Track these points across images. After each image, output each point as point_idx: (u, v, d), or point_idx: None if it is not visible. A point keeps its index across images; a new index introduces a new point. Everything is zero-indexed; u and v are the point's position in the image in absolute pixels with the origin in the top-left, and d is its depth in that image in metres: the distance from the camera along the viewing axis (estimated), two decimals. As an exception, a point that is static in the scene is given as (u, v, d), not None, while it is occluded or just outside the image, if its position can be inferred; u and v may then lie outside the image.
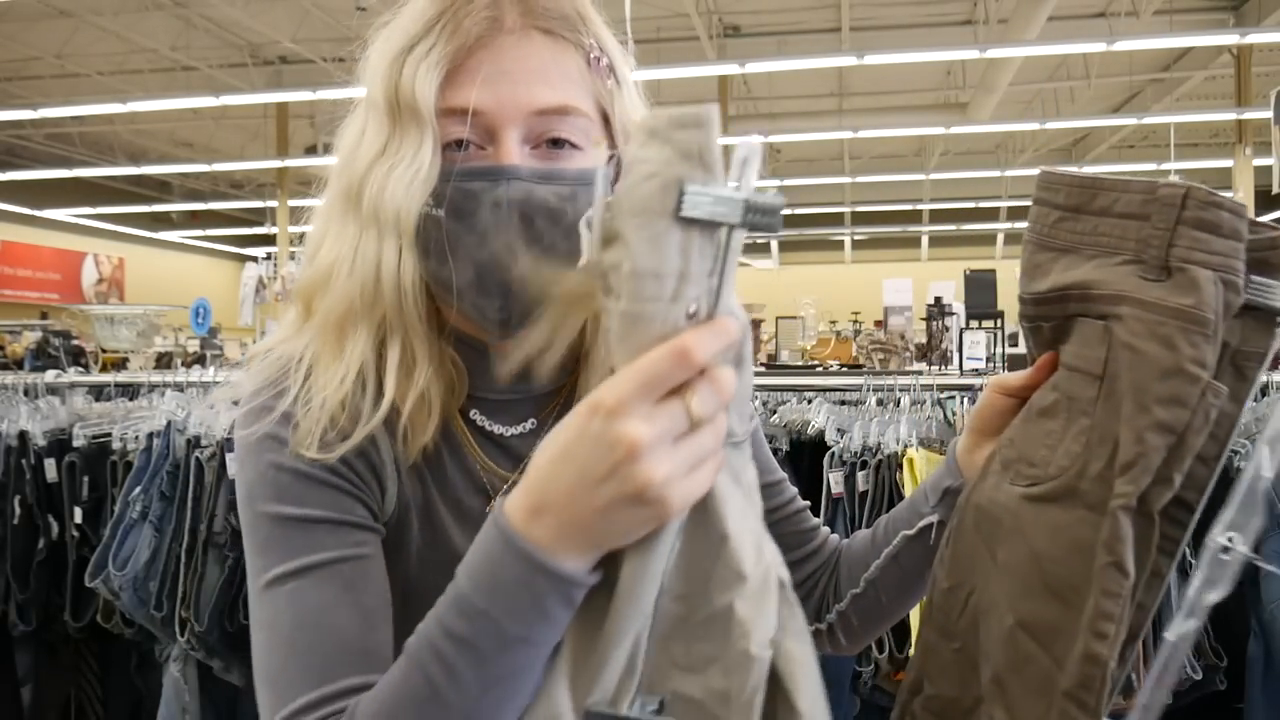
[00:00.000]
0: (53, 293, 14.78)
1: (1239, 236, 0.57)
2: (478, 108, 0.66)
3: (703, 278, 0.47)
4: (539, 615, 0.51)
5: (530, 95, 0.67)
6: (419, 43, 0.67)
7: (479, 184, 0.66)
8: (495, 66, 0.67)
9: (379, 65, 0.69)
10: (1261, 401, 1.96)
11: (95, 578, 2.08)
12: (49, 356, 3.92)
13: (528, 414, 0.76)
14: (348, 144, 0.71)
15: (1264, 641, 1.76)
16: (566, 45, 0.70)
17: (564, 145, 0.69)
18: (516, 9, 0.69)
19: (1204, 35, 9.30)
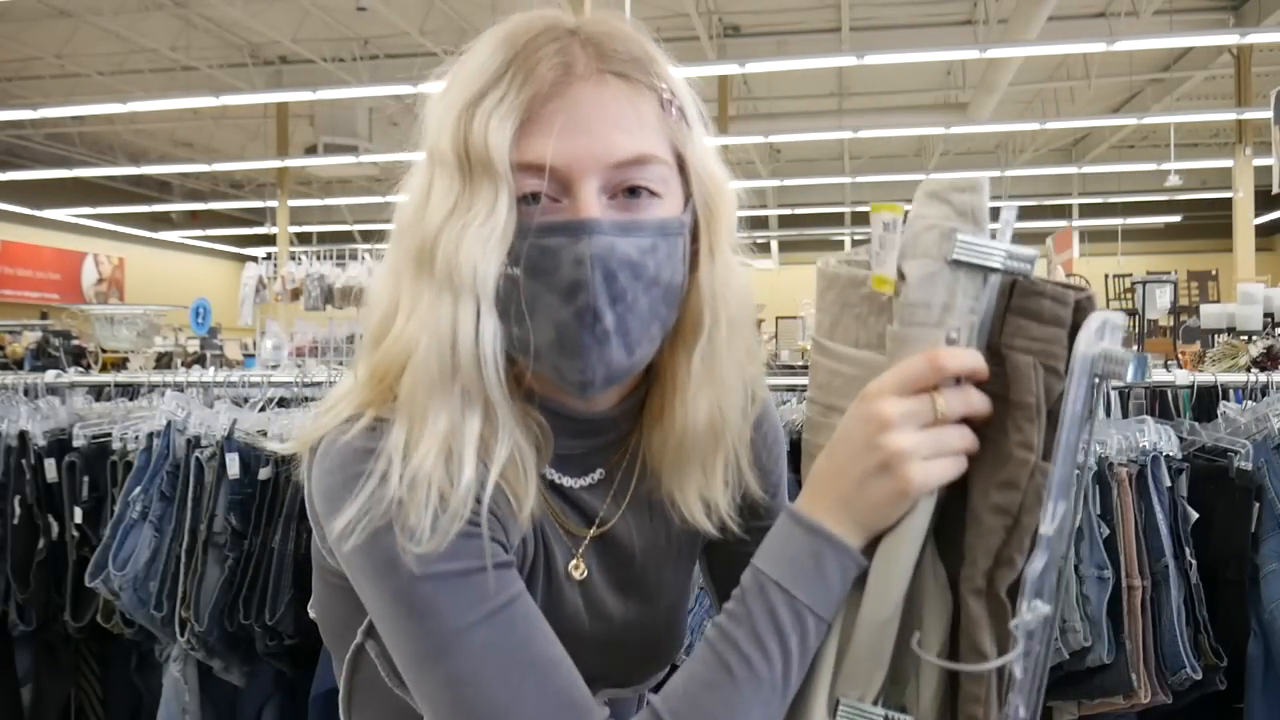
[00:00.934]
0: (53, 293, 14.78)
1: (1061, 323, 0.59)
2: (554, 162, 0.63)
3: (964, 312, 0.59)
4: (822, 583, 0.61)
5: (608, 146, 0.64)
6: (488, 93, 0.63)
7: (558, 240, 0.63)
8: (570, 117, 0.63)
9: (445, 118, 0.65)
10: (1261, 401, 1.96)
11: (95, 578, 2.08)
12: (49, 356, 3.92)
13: (596, 464, 0.75)
14: (413, 201, 0.67)
15: (1264, 641, 1.76)
16: (641, 89, 0.67)
17: (641, 193, 0.65)
18: (588, 53, 0.66)
19: (1204, 35, 9.30)
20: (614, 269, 0.63)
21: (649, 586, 0.78)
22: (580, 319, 0.62)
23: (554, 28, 0.66)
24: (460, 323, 0.63)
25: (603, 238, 0.62)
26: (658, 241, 0.65)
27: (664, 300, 0.66)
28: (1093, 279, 6.61)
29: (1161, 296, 2.99)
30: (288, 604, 1.99)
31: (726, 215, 0.70)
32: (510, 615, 0.64)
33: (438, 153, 0.65)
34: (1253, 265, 10.25)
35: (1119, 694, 1.73)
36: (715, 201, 0.69)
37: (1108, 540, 1.74)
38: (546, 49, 0.64)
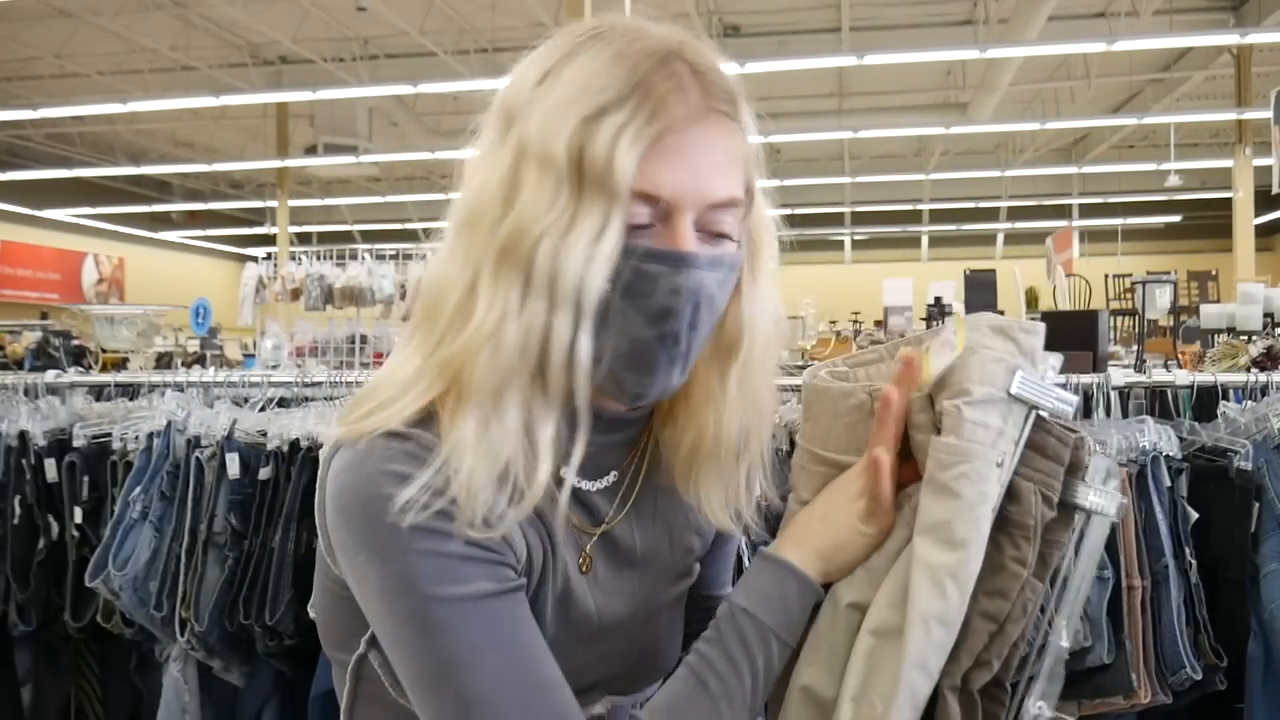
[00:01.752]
0: (53, 293, 14.78)
1: (1060, 460, 0.67)
2: (659, 193, 0.65)
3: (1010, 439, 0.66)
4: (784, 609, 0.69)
5: (710, 187, 0.67)
6: (611, 112, 0.64)
7: (658, 267, 0.65)
8: (684, 153, 0.66)
9: (557, 122, 0.64)
10: (1261, 401, 1.96)
11: (95, 578, 2.08)
12: (49, 356, 3.92)
13: (609, 467, 0.78)
14: (493, 190, 0.67)
15: (1264, 641, 1.76)
16: (735, 128, 0.70)
17: (723, 237, 0.69)
18: (698, 88, 0.67)
19: (1204, 35, 9.31)
20: (700, 301, 0.67)
21: (649, 589, 0.80)
22: (661, 342, 0.66)
23: (665, 54, 0.67)
24: (556, 331, 0.64)
25: (698, 272, 0.66)
26: (728, 276, 0.69)
27: (712, 324, 0.70)
28: (1093, 279, 6.62)
29: (1161, 296, 2.99)
30: (288, 604, 1.99)
31: (769, 246, 0.75)
32: (518, 639, 0.66)
33: (542, 156, 0.64)
34: (1252, 265, 10.25)
35: (1119, 694, 1.73)
36: (762, 234, 0.74)
37: (1107, 540, 1.74)
38: (670, 81, 0.66)
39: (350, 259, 5.12)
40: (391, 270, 5.08)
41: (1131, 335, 5.77)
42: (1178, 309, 3.39)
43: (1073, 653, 1.71)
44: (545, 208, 0.63)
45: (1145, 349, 2.61)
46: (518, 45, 3.03)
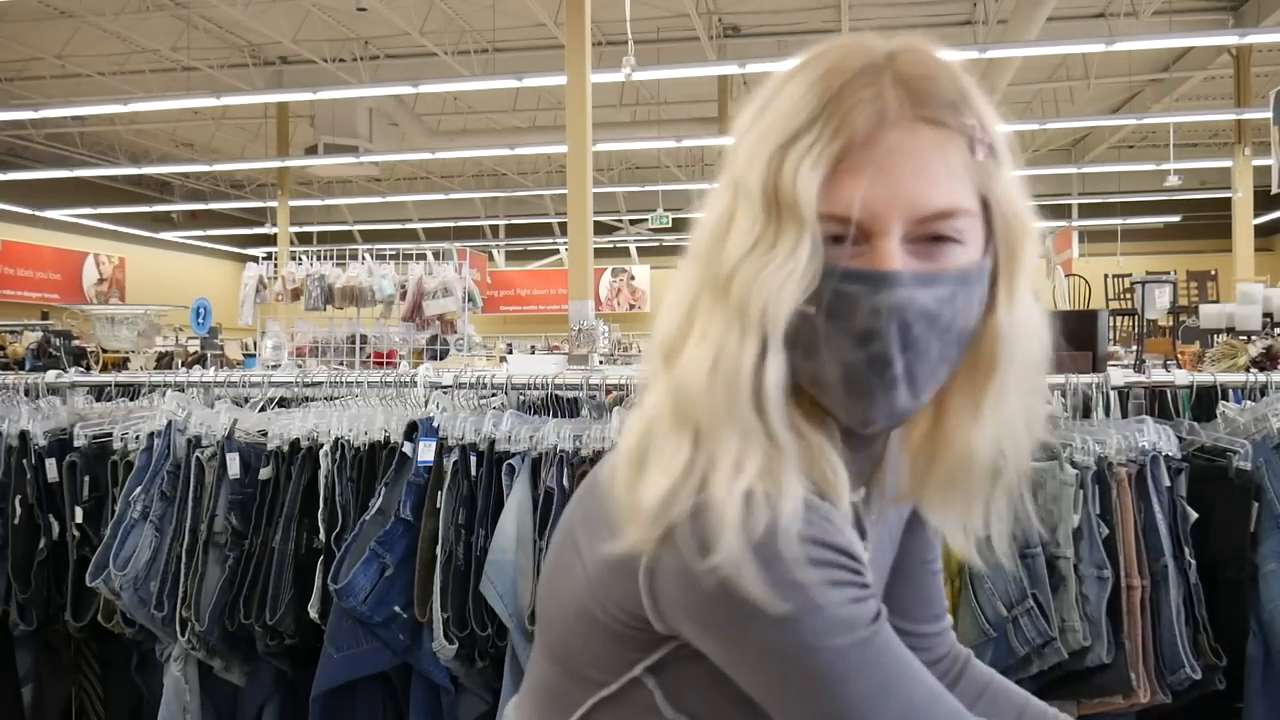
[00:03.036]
0: (53, 293, 14.78)
1: None
2: (852, 214, 0.63)
3: None
4: None
5: (915, 200, 0.64)
6: (801, 137, 0.63)
7: (858, 288, 0.63)
8: (880, 168, 0.63)
9: (756, 154, 0.65)
10: (1260, 401, 1.96)
11: (96, 577, 2.08)
12: (50, 356, 3.92)
13: (858, 483, 0.75)
14: (713, 226, 0.67)
15: (1263, 641, 1.76)
16: (951, 135, 0.65)
17: (945, 241, 0.65)
18: (901, 96, 0.65)
19: (1203, 36, 9.31)
20: (909, 320, 0.63)
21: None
22: (870, 365, 0.64)
23: (870, 67, 0.66)
24: (744, 356, 0.64)
25: (901, 290, 0.63)
26: (956, 290, 0.65)
27: (955, 344, 0.67)
28: (1092, 279, 6.62)
29: (1161, 296, 2.99)
30: (288, 604, 1.99)
31: (1027, 256, 0.69)
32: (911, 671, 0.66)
33: (745, 188, 0.65)
34: (1252, 265, 10.25)
35: (1118, 694, 1.73)
36: (1017, 243, 0.69)
37: (1107, 540, 1.74)
38: (862, 93, 0.64)
39: (350, 259, 5.12)
40: (391, 270, 5.08)
41: (1131, 335, 5.77)
42: (1177, 309, 3.39)
43: (1071, 652, 1.72)
44: (746, 239, 0.64)
45: (1145, 349, 2.61)
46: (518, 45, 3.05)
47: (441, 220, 18.62)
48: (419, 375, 2.29)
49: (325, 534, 1.99)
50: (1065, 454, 1.81)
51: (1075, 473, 1.77)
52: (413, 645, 1.90)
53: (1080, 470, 1.77)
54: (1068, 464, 1.79)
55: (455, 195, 16.69)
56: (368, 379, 2.32)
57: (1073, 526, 1.76)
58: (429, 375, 2.30)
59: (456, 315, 5.09)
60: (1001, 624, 1.74)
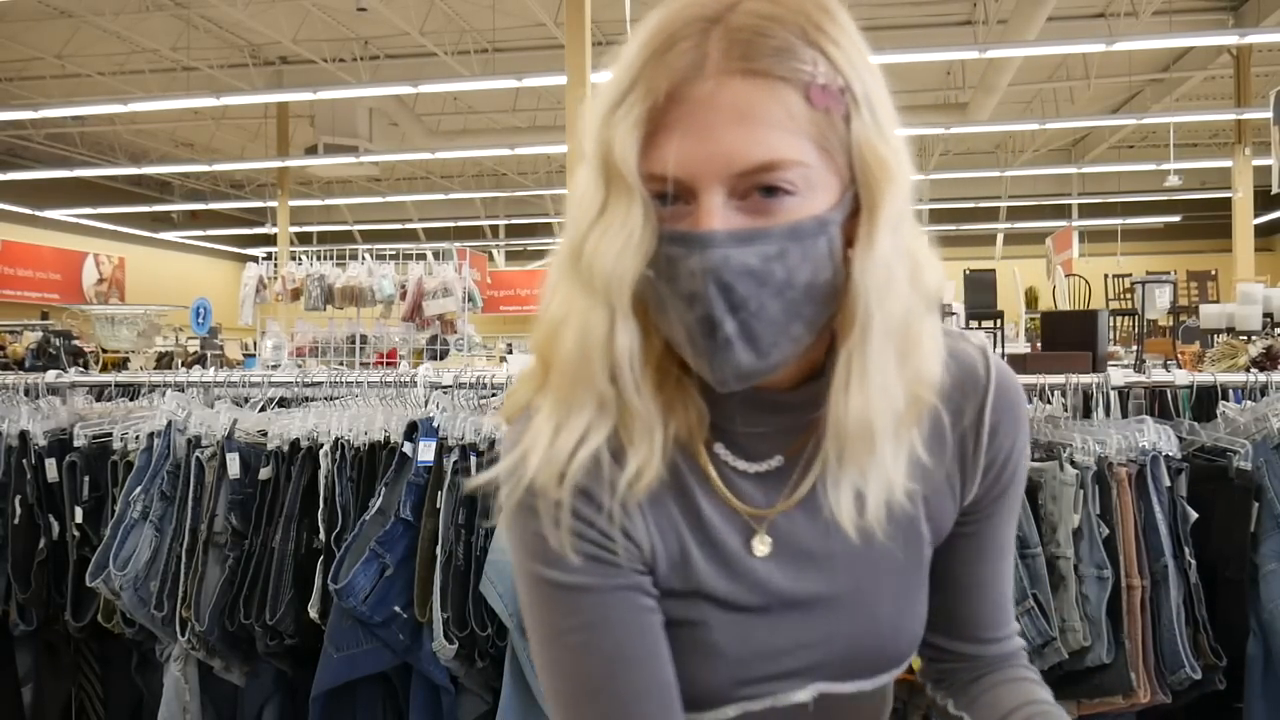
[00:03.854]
0: (53, 293, 14.78)
1: None
2: (676, 172, 0.62)
3: None
4: None
5: (731, 154, 0.61)
6: (625, 98, 0.63)
7: (677, 249, 0.62)
8: (692, 122, 0.61)
9: (592, 122, 0.65)
10: (1261, 401, 1.96)
11: (96, 577, 2.08)
12: (49, 356, 3.92)
13: (774, 451, 0.73)
14: (575, 196, 0.67)
15: (1263, 641, 1.76)
16: (777, 85, 0.61)
17: (777, 193, 0.62)
18: (724, 49, 0.62)
19: (1203, 36, 9.31)
20: (729, 281, 0.61)
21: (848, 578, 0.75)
22: (701, 326, 0.62)
23: (700, 19, 0.63)
24: (593, 325, 0.64)
25: (715, 251, 0.61)
26: (787, 245, 0.62)
27: (807, 299, 0.63)
28: (1092, 279, 6.62)
29: (1161, 296, 2.99)
30: (288, 604, 1.99)
31: (889, 203, 0.64)
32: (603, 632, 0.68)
33: (587, 158, 0.66)
34: (1252, 265, 10.25)
35: (1118, 694, 1.73)
36: (877, 189, 0.64)
37: (1107, 540, 1.74)
38: (682, 46, 0.62)
39: (350, 259, 5.12)
40: (391, 270, 5.08)
41: (1131, 335, 5.77)
42: (1177, 309, 3.39)
43: (1072, 652, 1.72)
44: (590, 207, 0.65)
45: (1145, 349, 2.61)
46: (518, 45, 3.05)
47: (441, 220, 18.62)
48: (419, 375, 2.29)
49: (325, 534, 1.99)
50: (1065, 454, 1.81)
51: (1075, 473, 1.77)
52: (413, 645, 1.90)
53: (1080, 470, 1.77)
54: (1068, 464, 1.79)
55: (455, 195, 16.70)
56: (368, 379, 2.32)
57: (1073, 526, 1.76)
58: (429, 375, 2.30)
59: (456, 315, 5.09)
60: (1001, 624, 1.74)
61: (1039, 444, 1.92)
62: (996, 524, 0.80)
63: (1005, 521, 0.81)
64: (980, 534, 0.80)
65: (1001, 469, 0.77)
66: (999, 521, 0.80)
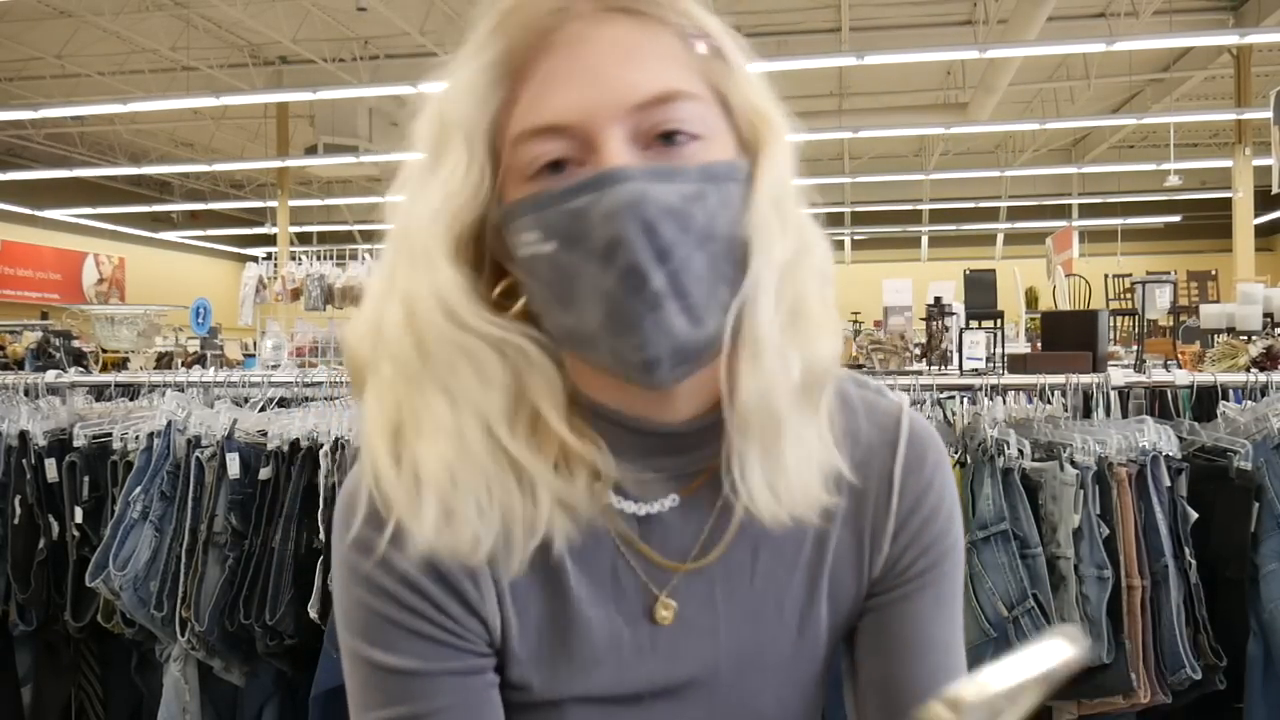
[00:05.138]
0: (53, 293, 14.78)
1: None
2: (561, 119, 0.55)
3: None
4: None
5: (622, 87, 0.55)
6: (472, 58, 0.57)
7: (584, 198, 0.54)
8: (569, 61, 0.55)
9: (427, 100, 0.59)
10: (1261, 401, 1.96)
11: (96, 578, 2.08)
12: (49, 357, 3.92)
13: (668, 491, 0.64)
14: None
15: (1263, 641, 1.76)
16: (654, 24, 0.57)
17: (679, 137, 0.56)
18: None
19: (1204, 35, 9.30)
20: (652, 219, 0.53)
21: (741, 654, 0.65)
22: (625, 283, 0.53)
23: None
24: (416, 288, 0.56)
25: (633, 184, 0.53)
26: (704, 187, 0.55)
27: (726, 258, 0.56)
28: (1092, 279, 6.61)
29: (1161, 296, 2.99)
30: (288, 604, 1.99)
31: (771, 156, 0.59)
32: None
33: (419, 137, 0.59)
34: (1252, 265, 10.25)
35: (1119, 694, 1.73)
36: (762, 141, 0.59)
37: (1107, 540, 1.74)
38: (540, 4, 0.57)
39: (350, 259, 5.12)
40: (392, 270, 5.06)
41: (1131, 335, 5.77)
42: (1177, 309, 3.39)
43: (1072, 652, 1.72)
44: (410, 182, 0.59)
45: (1145, 349, 2.61)
46: (518, 45, 2.95)
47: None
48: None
49: (325, 534, 1.99)
50: (1065, 454, 1.81)
51: (1075, 473, 1.77)
52: (413, 645, 1.89)
53: (1080, 470, 1.77)
54: (1068, 464, 1.79)
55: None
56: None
57: (1073, 526, 1.76)
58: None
59: (456, 315, 5.08)
60: (1002, 624, 1.74)
61: (1039, 444, 1.92)
62: (918, 611, 0.67)
63: (930, 613, 0.67)
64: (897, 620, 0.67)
65: (917, 537, 0.67)
66: (922, 609, 0.67)
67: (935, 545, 0.67)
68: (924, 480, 0.67)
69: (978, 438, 1.89)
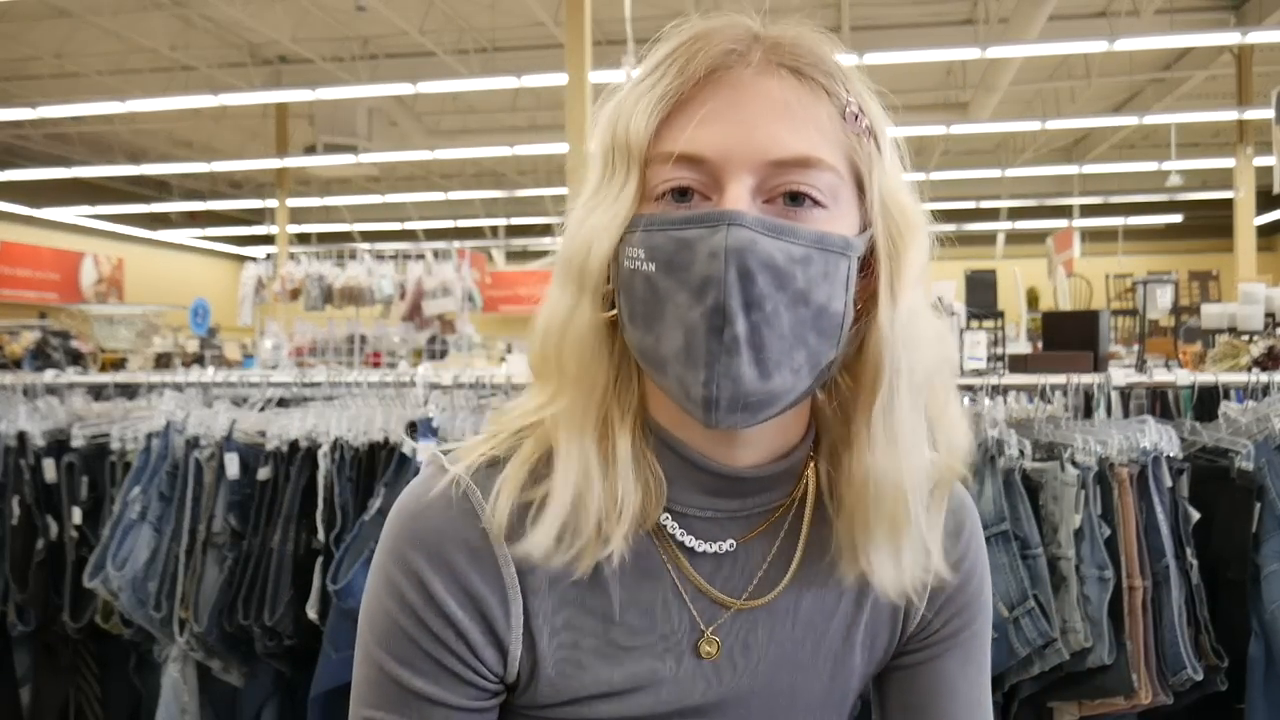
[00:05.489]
0: (51, 293, 14.77)
1: None
2: (703, 152, 0.57)
3: None
4: None
5: (767, 140, 0.57)
6: (649, 76, 0.59)
7: (695, 231, 0.56)
8: (727, 103, 0.57)
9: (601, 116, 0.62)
10: (1262, 401, 1.95)
11: (94, 578, 2.08)
12: (47, 357, 3.92)
13: (727, 535, 0.65)
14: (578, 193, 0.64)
15: (1264, 642, 1.75)
16: (818, 90, 0.59)
17: (804, 201, 0.58)
18: (763, 48, 0.59)
19: (1205, 35, 9.29)
20: (751, 267, 0.55)
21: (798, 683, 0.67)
22: (709, 320, 0.55)
23: (735, 25, 0.61)
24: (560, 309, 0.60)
25: (743, 230, 0.55)
26: (812, 253, 0.57)
27: (814, 325, 0.58)
28: (1093, 279, 6.61)
29: (1162, 296, 2.99)
30: (287, 604, 1.98)
31: (915, 256, 0.61)
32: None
33: (592, 152, 0.62)
34: (1254, 265, 10.25)
35: (1120, 694, 1.72)
36: (900, 238, 0.61)
37: (1108, 540, 1.74)
38: (722, 38, 0.59)
39: (350, 259, 5.11)
40: (391, 270, 5.07)
41: (1132, 335, 5.76)
42: (1179, 309, 3.38)
43: (1073, 653, 1.72)
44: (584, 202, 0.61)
45: (1146, 349, 2.60)
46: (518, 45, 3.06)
47: (441, 220, 18.61)
48: (418, 375, 2.28)
49: (324, 534, 1.98)
50: (1066, 454, 1.81)
51: (1077, 473, 1.76)
52: (412, 646, 1.89)
53: (1082, 470, 1.77)
54: (1069, 464, 1.79)
55: (455, 195, 16.68)
56: (367, 379, 2.31)
57: (1074, 527, 1.75)
58: (428, 375, 2.29)
59: (456, 315, 5.08)
60: (1003, 625, 1.74)
61: (1040, 444, 1.92)
62: (947, 670, 0.70)
63: (958, 671, 0.70)
64: (926, 678, 0.70)
65: (951, 600, 0.70)
66: (951, 669, 0.70)
67: (967, 609, 0.71)
68: (960, 547, 0.70)
69: (979, 438, 1.89)
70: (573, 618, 0.63)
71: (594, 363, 0.60)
